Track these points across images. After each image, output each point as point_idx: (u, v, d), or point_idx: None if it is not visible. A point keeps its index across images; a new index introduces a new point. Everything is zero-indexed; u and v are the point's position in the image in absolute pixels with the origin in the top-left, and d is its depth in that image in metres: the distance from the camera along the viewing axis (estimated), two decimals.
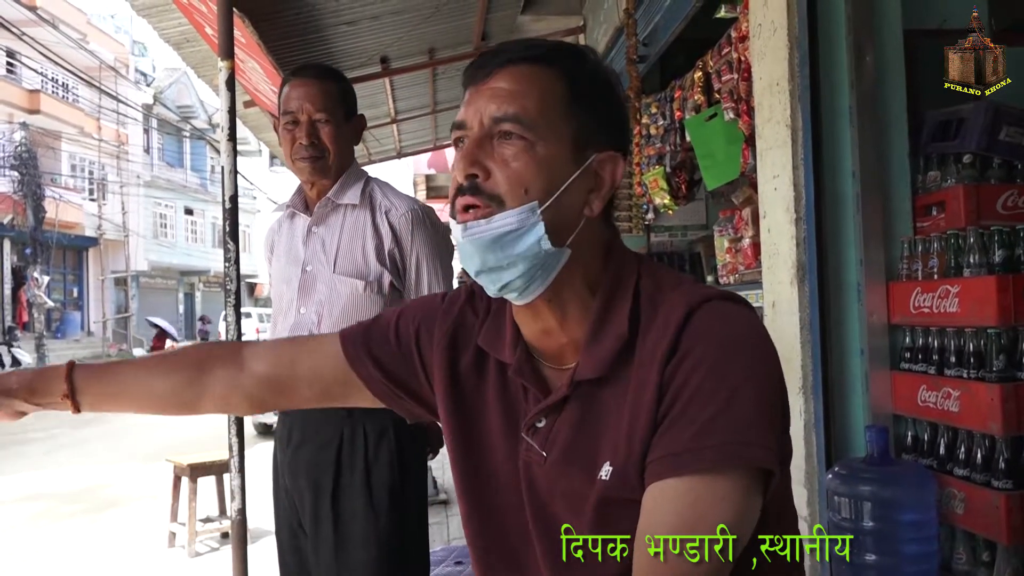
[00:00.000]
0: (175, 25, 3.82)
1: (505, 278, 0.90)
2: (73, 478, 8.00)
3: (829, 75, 2.20)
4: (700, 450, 0.80)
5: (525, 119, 0.89)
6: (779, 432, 0.86)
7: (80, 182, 26.85)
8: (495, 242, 0.88)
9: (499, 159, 0.89)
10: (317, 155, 2.03)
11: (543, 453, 0.94)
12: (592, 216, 0.93)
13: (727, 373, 0.82)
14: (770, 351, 0.88)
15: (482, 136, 0.90)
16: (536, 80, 0.91)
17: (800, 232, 2.18)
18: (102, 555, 5.32)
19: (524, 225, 0.87)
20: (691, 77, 3.28)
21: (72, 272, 27.22)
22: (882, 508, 1.83)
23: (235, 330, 2.57)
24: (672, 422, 0.83)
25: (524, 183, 0.88)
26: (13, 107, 22.92)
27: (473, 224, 0.89)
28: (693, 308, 0.86)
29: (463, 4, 4.82)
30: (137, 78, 31.04)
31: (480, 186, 0.89)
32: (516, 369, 0.97)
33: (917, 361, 2.08)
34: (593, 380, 0.91)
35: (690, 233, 4.85)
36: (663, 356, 0.85)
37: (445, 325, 1.06)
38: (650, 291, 0.92)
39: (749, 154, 2.78)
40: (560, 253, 0.90)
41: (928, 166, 2.21)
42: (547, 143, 0.89)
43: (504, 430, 0.99)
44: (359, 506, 1.97)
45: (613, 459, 0.88)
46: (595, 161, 0.92)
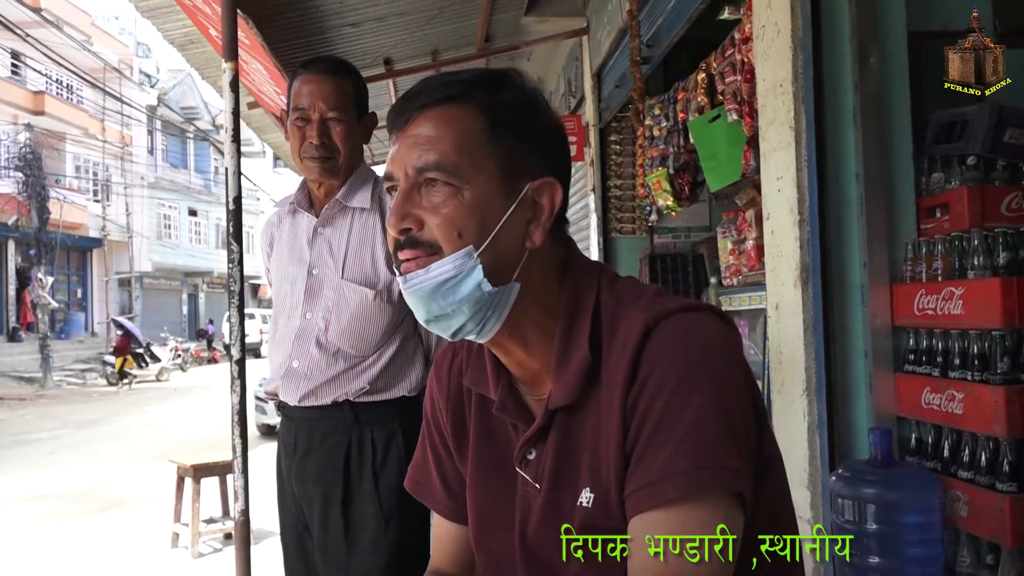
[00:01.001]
0: (179, 26, 3.83)
1: (455, 324, 0.90)
2: (77, 478, 8.01)
3: (833, 77, 2.20)
4: (671, 477, 0.79)
5: (446, 165, 0.88)
6: (751, 446, 0.85)
7: (84, 183, 26.91)
8: (435, 291, 0.88)
9: (429, 208, 0.88)
10: (327, 155, 1.96)
11: (537, 486, 0.94)
12: (534, 247, 0.91)
13: (688, 395, 0.82)
14: (732, 362, 0.86)
15: (409, 188, 0.89)
16: (453, 121, 0.89)
17: (804, 234, 2.18)
18: (106, 555, 5.33)
19: (462, 271, 0.87)
20: (694, 79, 3.28)
21: (76, 273, 27.27)
22: (886, 511, 1.83)
23: (240, 331, 2.57)
24: (642, 452, 0.83)
25: (456, 228, 0.87)
26: (18, 108, 22.98)
27: (412, 275, 0.89)
28: (650, 326, 0.86)
29: (467, 6, 4.83)
30: (141, 79, 31.09)
31: (415, 238, 0.89)
32: (499, 406, 0.98)
33: (921, 363, 2.08)
34: (567, 407, 0.91)
35: (693, 235, 4.85)
36: (624, 380, 0.85)
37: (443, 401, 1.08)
38: (611, 307, 0.91)
39: (751, 156, 2.77)
40: (508, 289, 0.90)
41: (932, 168, 2.21)
42: (473, 185, 0.88)
43: (495, 470, 0.99)
44: (369, 513, 1.95)
45: (593, 486, 0.88)
46: (530, 190, 0.91)
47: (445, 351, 1.10)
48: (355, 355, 1.98)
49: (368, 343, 1.98)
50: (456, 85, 0.91)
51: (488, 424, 1.01)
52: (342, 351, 1.98)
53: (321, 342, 1.99)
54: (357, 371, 1.98)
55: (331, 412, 1.99)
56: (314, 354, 1.99)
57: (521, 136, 0.91)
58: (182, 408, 14.33)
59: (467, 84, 0.92)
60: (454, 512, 1.09)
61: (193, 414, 13.14)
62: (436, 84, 0.92)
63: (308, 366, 2.00)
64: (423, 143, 0.89)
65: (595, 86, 5.22)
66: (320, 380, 1.98)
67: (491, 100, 0.91)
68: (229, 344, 2.75)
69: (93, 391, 18.37)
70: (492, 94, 0.92)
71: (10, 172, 20.95)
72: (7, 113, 22.71)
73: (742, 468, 0.82)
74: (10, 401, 15.84)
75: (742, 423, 0.84)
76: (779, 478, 0.94)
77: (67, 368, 20.88)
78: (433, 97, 0.90)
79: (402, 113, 0.92)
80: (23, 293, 22.82)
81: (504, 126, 0.90)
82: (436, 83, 0.92)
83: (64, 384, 18.99)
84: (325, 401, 1.98)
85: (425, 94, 0.91)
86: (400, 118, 0.92)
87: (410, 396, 2.00)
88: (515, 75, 0.96)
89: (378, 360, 1.99)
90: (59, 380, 19.35)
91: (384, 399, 1.98)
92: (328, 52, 4.70)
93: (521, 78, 0.96)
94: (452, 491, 1.08)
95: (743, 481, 0.81)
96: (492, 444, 1.00)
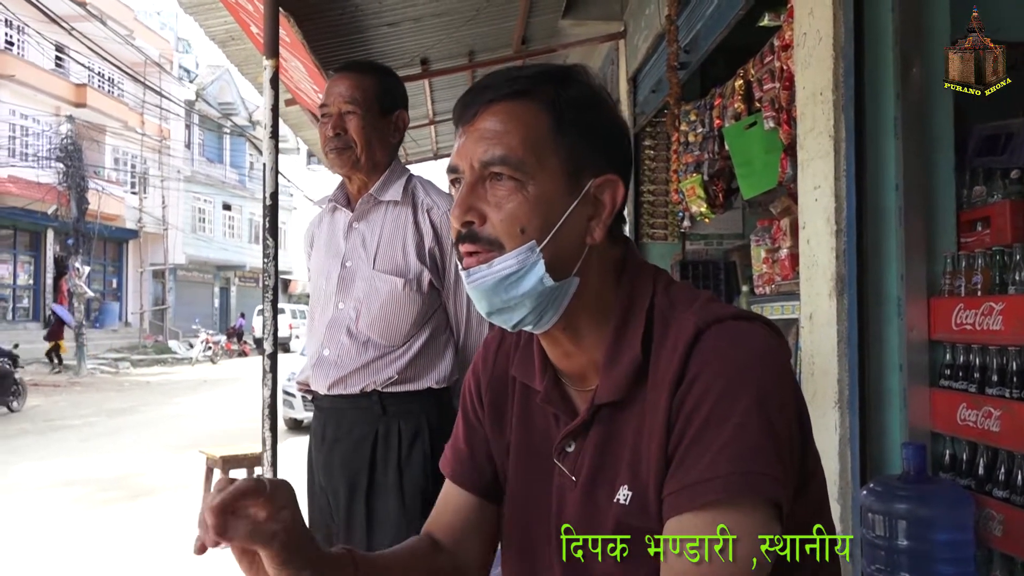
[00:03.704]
0: (221, 23, 3.88)
1: (516, 317, 0.91)
2: (109, 465, 8.15)
3: (874, 86, 2.17)
4: (711, 481, 0.79)
5: (512, 159, 0.88)
6: (793, 456, 0.85)
7: (122, 175, 27.37)
8: (498, 285, 0.88)
9: (493, 202, 0.89)
10: (342, 146, 2.02)
11: (573, 478, 0.94)
12: (595, 243, 0.92)
13: (734, 400, 0.81)
14: (781, 372, 0.86)
15: (474, 180, 0.90)
16: (519, 117, 0.90)
17: (840, 244, 2.16)
18: (134, 542, 5.41)
19: (524, 266, 0.88)
20: (732, 85, 3.26)
21: (112, 263, 27.75)
22: (917, 527, 1.80)
23: (272, 325, 2.60)
24: (684, 453, 0.82)
25: (519, 223, 0.88)
26: (61, 100, 23.45)
27: (475, 270, 0.89)
28: (702, 329, 0.86)
29: (504, 8, 4.84)
30: (180, 74, 31.58)
31: (477, 232, 0.89)
32: (544, 397, 0.98)
33: (957, 379, 2.04)
34: (612, 403, 0.91)
35: (726, 242, 4.82)
36: (672, 380, 0.85)
37: (486, 382, 1.08)
38: (664, 310, 0.91)
39: (788, 164, 2.75)
40: (567, 284, 0.90)
41: (974, 180, 2.17)
42: (538, 180, 0.88)
43: (535, 460, 0.99)
44: (392, 507, 1.97)
45: (631, 483, 0.88)
46: (592, 187, 0.91)
47: (495, 336, 1.10)
48: (384, 344, 2.02)
49: (397, 332, 2.02)
50: (523, 80, 0.92)
51: (530, 413, 1.02)
52: (372, 340, 2.02)
53: (352, 331, 2.04)
54: (386, 360, 2.02)
55: (359, 402, 2.02)
56: (345, 343, 2.04)
57: (586, 133, 0.92)
58: (212, 399, 14.51)
59: (534, 80, 0.92)
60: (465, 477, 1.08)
61: (222, 406, 13.30)
62: (503, 79, 0.92)
63: (338, 354, 2.04)
64: (489, 137, 0.89)
65: (631, 90, 5.21)
66: (349, 368, 2.02)
67: (557, 96, 0.91)
68: (261, 338, 2.78)
69: (126, 380, 18.68)
70: (558, 90, 0.92)
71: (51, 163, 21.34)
72: (50, 105, 23.17)
73: (782, 478, 0.81)
74: (45, 387, 16.16)
75: (786, 434, 0.83)
76: (819, 490, 0.93)
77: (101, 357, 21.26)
78: (500, 92, 0.91)
79: (469, 106, 0.92)
80: (60, 282, 23.27)
81: (569, 122, 0.91)
82: (503, 78, 0.93)
83: (97, 372, 19.33)
84: (354, 390, 2.03)
85: (492, 88, 0.92)
86: (467, 111, 0.92)
87: (437, 388, 2.03)
88: (581, 71, 0.96)
89: (407, 351, 2.02)
90: (92, 368, 19.71)
91: (411, 390, 2.02)
92: (365, 51, 4.74)
93: (587, 75, 0.96)
94: (477, 461, 1.08)
95: (782, 490, 0.81)
96: (532, 433, 1.01)
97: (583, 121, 0.92)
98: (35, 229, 23.18)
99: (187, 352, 24.87)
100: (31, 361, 19.14)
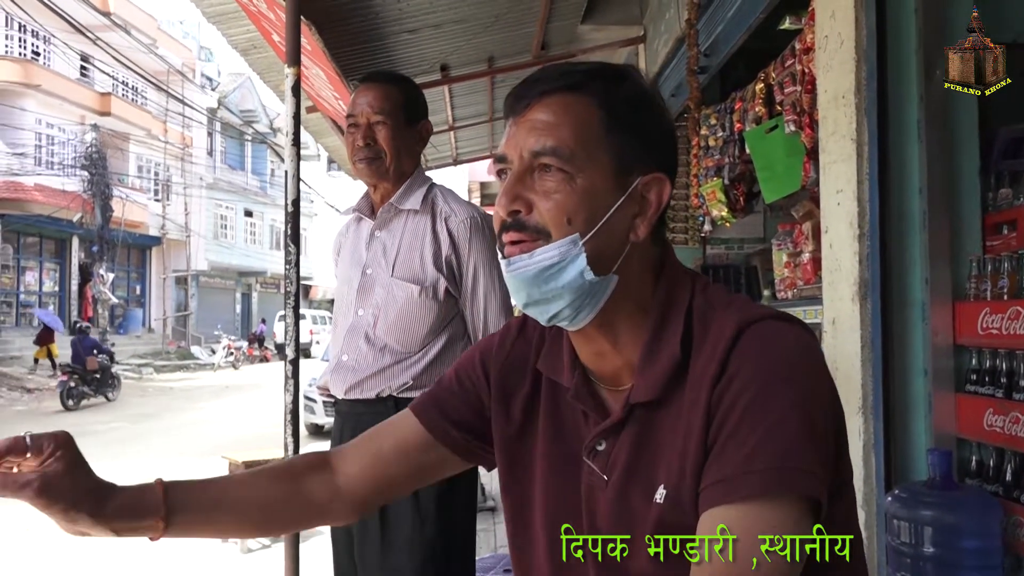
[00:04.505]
0: (243, 32, 3.92)
1: (552, 309, 0.91)
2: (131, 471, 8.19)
3: (897, 88, 2.15)
4: (747, 475, 0.79)
5: (563, 151, 0.88)
6: (829, 457, 0.84)
7: (146, 183, 27.67)
8: (538, 276, 0.88)
9: (540, 192, 0.89)
10: (372, 156, 2.07)
11: (604, 477, 0.93)
12: (638, 240, 0.92)
13: (774, 397, 0.81)
14: (820, 373, 0.86)
15: (522, 170, 0.90)
16: (572, 110, 0.90)
17: (863, 248, 2.14)
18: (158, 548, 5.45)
19: (566, 258, 0.88)
20: (752, 88, 3.24)
21: (136, 270, 28.05)
22: (944, 534, 1.78)
23: (294, 331, 2.61)
24: (722, 447, 0.82)
25: (566, 214, 0.88)
26: (85, 109, 23.76)
27: (516, 259, 0.89)
28: (742, 328, 0.86)
29: (523, 14, 4.85)
30: (203, 82, 31.88)
31: (523, 220, 0.90)
32: (574, 394, 0.98)
33: (984, 384, 2.02)
34: (648, 403, 0.91)
35: (747, 246, 4.80)
36: (712, 378, 0.85)
37: (499, 362, 1.07)
38: (702, 310, 0.91)
39: (811, 167, 2.73)
40: (607, 280, 0.90)
41: (999, 183, 2.15)
42: (587, 173, 0.89)
43: (563, 457, 0.98)
44: (405, 511, 1.98)
45: (667, 482, 0.87)
46: (640, 185, 0.91)
47: (517, 321, 1.10)
48: (401, 351, 2.05)
49: (414, 339, 2.05)
50: (576, 75, 0.92)
51: (557, 410, 1.01)
52: (389, 346, 2.05)
53: (369, 337, 2.07)
54: (402, 367, 2.05)
55: (375, 407, 2.05)
56: (362, 348, 2.08)
57: (636, 130, 0.92)
58: (234, 405, 14.61)
59: (587, 75, 0.93)
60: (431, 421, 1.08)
61: (244, 411, 13.39)
62: (556, 72, 0.93)
63: (356, 359, 2.08)
64: (541, 128, 0.90)
65: None
66: (366, 373, 2.06)
67: (609, 93, 0.92)
68: (283, 344, 2.80)
69: (149, 385, 18.85)
70: (611, 87, 0.92)
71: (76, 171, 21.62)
72: (75, 114, 23.50)
73: (820, 474, 0.80)
74: None
75: (823, 434, 0.83)
76: (849, 501, 0.92)
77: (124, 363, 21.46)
78: (553, 85, 0.91)
79: (522, 98, 0.93)
80: (85, 288, 23.56)
81: (621, 119, 0.91)
82: (556, 72, 0.93)
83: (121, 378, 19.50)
84: (369, 395, 2.06)
85: (545, 81, 0.92)
86: (519, 103, 0.93)
87: None
88: (634, 71, 0.97)
89: (423, 357, 2.05)
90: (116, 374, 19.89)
91: None
92: (386, 58, 4.77)
93: (640, 75, 0.97)
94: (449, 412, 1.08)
95: (820, 487, 0.80)
96: (560, 430, 1.00)
97: (635, 119, 0.92)
98: (60, 236, 23.48)
99: (209, 358, 25.13)
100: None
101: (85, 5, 17.41)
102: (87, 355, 14.61)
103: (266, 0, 3.06)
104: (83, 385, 14.27)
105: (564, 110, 0.90)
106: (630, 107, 0.92)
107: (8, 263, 22.02)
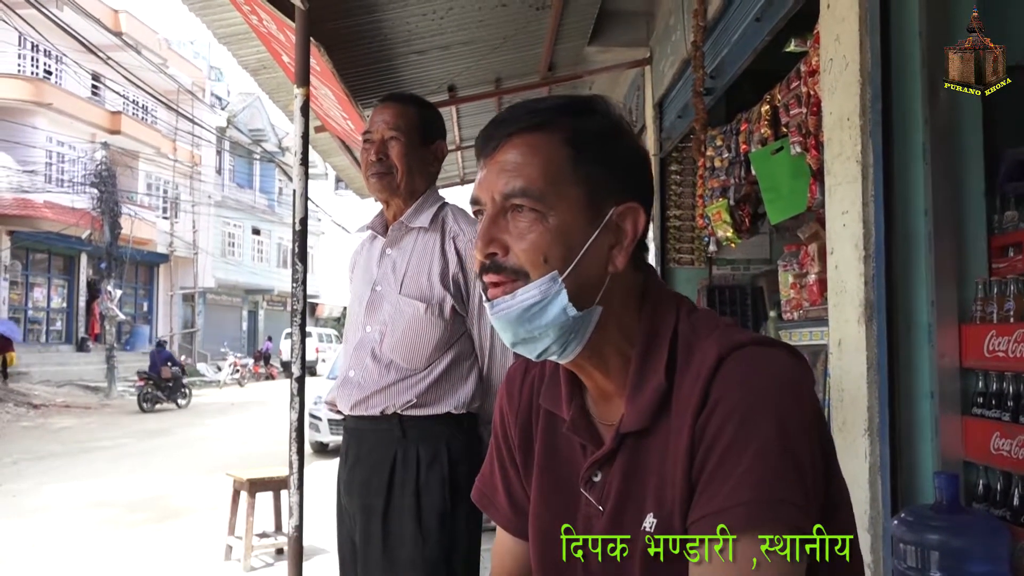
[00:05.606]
0: (253, 52, 3.96)
1: (540, 347, 0.92)
2: (137, 487, 8.21)
3: (902, 110, 2.16)
4: (733, 508, 0.79)
5: (532, 191, 0.89)
6: (816, 483, 0.84)
7: (155, 200, 27.81)
8: (522, 316, 0.90)
9: (515, 233, 0.90)
10: (384, 171, 2.09)
11: (600, 508, 0.94)
12: (617, 271, 0.92)
13: (755, 426, 0.81)
14: (803, 398, 0.86)
15: (495, 212, 0.92)
16: (539, 149, 0.91)
17: (869, 270, 2.14)
18: (161, 564, 5.44)
19: (547, 296, 0.89)
20: (758, 110, 3.26)
21: (143, 287, 28.12)
22: (951, 558, 1.76)
23: (300, 349, 2.62)
24: (708, 480, 0.83)
25: (542, 253, 0.89)
26: (96, 127, 23.94)
27: (499, 301, 0.91)
28: (723, 355, 0.86)
29: (530, 35, 4.88)
30: (212, 102, 32.14)
31: (501, 263, 0.91)
32: (570, 426, 0.98)
33: (991, 407, 2.01)
34: (637, 432, 0.91)
35: (753, 267, 4.79)
36: (695, 406, 0.85)
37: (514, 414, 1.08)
38: (687, 337, 0.91)
39: (817, 189, 2.74)
40: (590, 313, 0.91)
41: (1005, 205, 2.15)
42: (559, 210, 0.90)
43: (565, 489, 0.99)
44: (408, 530, 1.98)
45: (657, 510, 0.88)
46: (614, 215, 0.92)
47: (517, 367, 1.11)
48: (406, 368, 2.05)
49: (419, 356, 2.05)
50: (542, 113, 0.93)
51: (555, 442, 1.02)
52: (394, 363, 2.06)
53: (376, 353, 2.07)
54: (407, 384, 2.05)
55: (380, 424, 2.05)
56: (368, 365, 2.08)
57: (605, 162, 0.93)
58: (239, 422, 14.60)
59: (553, 111, 0.93)
60: (516, 527, 1.09)
61: (249, 428, 13.38)
62: (523, 112, 0.94)
63: (362, 376, 2.09)
64: (510, 169, 0.91)
65: (656, 116, 5.22)
66: (371, 389, 2.06)
67: (576, 128, 0.93)
68: (289, 361, 2.81)
69: None
70: (577, 122, 0.93)
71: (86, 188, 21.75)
72: (86, 132, 23.68)
73: (803, 504, 0.81)
74: (76, 409, 16.37)
75: (808, 460, 0.83)
76: (846, 522, 0.92)
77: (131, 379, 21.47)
78: (520, 124, 0.92)
79: (490, 139, 0.94)
80: (92, 305, 23.62)
81: (589, 153, 0.92)
82: (523, 111, 0.94)
83: (127, 395, 19.52)
84: (374, 411, 2.06)
85: (511, 122, 0.93)
86: (488, 144, 0.94)
87: (456, 414, 2.05)
88: (600, 101, 0.97)
89: (428, 375, 2.05)
90: (123, 390, 19.93)
91: (430, 414, 2.04)
92: (394, 79, 4.80)
93: (606, 104, 0.97)
94: (517, 505, 1.09)
95: (804, 518, 0.80)
96: (558, 462, 1.01)
97: (603, 151, 0.93)
98: (69, 253, 23.59)
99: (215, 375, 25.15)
100: (63, 383, 19.42)
101: (96, 25, 17.59)
102: (162, 365, 17.29)
103: (276, 21, 3.09)
104: (157, 391, 16.83)
105: (531, 150, 0.91)
106: (598, 139, 0.93)
107: (17, 279, 22.13)
